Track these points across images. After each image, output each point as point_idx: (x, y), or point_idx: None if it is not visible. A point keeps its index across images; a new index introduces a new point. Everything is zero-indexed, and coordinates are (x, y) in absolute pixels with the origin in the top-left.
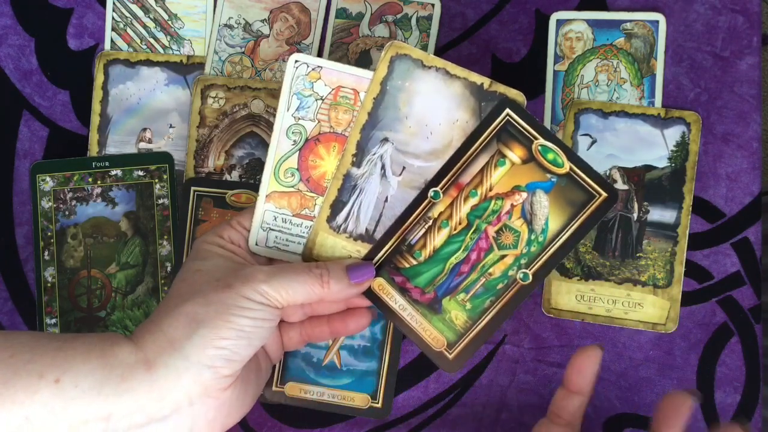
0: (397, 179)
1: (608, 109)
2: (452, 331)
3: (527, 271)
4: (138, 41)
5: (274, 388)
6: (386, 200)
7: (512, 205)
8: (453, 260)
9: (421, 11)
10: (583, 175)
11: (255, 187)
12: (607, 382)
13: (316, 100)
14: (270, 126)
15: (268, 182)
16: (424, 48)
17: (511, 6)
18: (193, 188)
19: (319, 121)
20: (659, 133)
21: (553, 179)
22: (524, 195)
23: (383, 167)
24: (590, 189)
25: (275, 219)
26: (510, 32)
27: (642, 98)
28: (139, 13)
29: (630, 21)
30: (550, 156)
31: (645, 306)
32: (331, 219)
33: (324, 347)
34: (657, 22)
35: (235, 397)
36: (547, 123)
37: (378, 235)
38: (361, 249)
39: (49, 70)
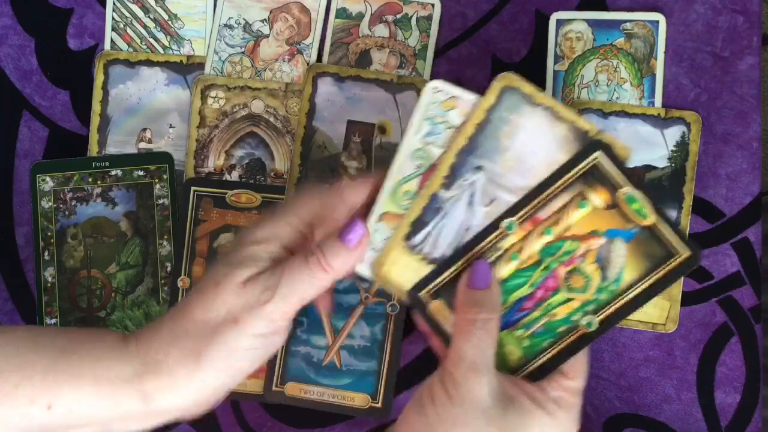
0: (484, 210)
1: (608, 109)
2: (504, 367)
3: (594, 317)
4: (138, 41)
5: (274, 388)
6: (467, 229)
7: (588, 249)
8: (517, 294)
9: (421, 11)
10: (666, 231)
11: (255, 188)
12: (607, 382)
13: (447, 128)
14: (270, 126)
15: (383, 202)
16: (425, 48)
17: (511, 6)
18: (193, 188)
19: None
20: (659, 133)
21: (634, 230)
22: (602, 241)
23: (472, 195)
24: (671, 246)
25: (383, 241)
26: (510, 32)
27: (642, 98)
28: (139, 13)
29: (630, 21)
30: (635, 206)
31: (645, 306)
32: (409, 236)
33: (324, 347)
34: (657, 22)
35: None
36: None
37: None
38: None
39: (49, 70)
